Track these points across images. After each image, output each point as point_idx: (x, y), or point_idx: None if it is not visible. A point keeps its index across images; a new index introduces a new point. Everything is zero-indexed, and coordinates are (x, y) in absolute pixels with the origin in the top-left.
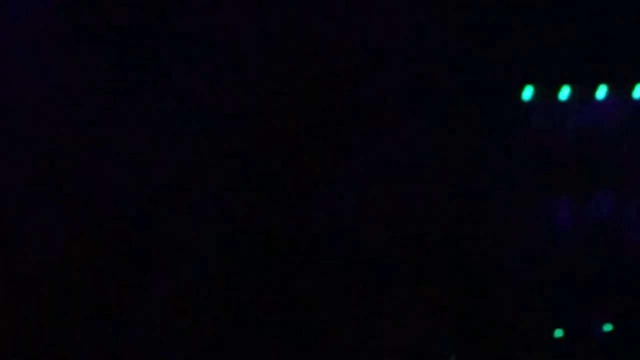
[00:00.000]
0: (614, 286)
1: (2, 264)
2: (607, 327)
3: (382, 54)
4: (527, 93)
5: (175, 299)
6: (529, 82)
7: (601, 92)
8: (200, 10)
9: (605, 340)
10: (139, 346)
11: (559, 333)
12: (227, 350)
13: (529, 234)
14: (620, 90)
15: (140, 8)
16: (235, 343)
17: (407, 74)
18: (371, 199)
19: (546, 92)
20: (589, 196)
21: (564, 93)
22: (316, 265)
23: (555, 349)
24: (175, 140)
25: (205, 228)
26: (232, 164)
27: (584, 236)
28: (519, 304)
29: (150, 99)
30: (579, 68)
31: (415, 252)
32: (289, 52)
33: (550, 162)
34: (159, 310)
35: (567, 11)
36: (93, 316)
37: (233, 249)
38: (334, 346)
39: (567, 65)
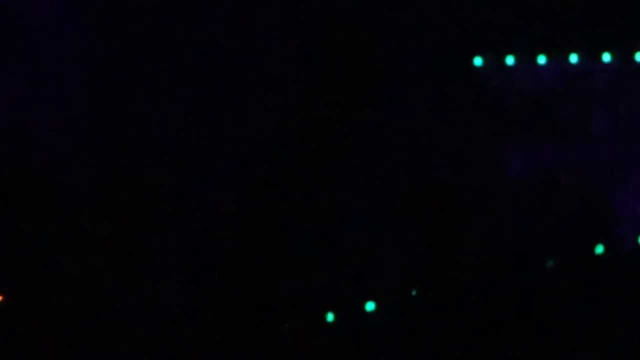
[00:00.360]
0: (558, 223)
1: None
2: (549, 264)
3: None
4: (478, 61)
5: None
6: (480, 53)
7: (541, 59)
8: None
9: (548, 275)
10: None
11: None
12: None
13: (487, 178)
14: (558, 57)
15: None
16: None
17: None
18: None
19: (494, 60)
20: (534, 146)
21: (510, 60)
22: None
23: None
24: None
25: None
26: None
27: (533, 179)
28: (476, 243)
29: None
30: (523, 40)
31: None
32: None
33: (501, 117)
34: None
35: None
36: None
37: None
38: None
39: (512, 38)
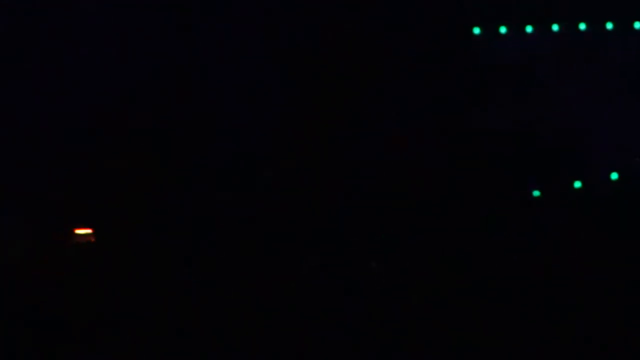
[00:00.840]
0: (540, 163)
1: None
2: (536, 193)
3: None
4: (476, 30)
5: None
6: (477, 24)
7: (529, 29)
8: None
9: (535, 204)
10: None
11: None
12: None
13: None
14: (543, 27)
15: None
16: None
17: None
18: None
19: (490, 29)
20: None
21: (502, 30)
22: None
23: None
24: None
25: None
26: None
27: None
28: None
29: None
30: (513, 13)
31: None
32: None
33: (492, 78)
34: None
35: None
36: None
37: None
38: None
39: (505, 11)
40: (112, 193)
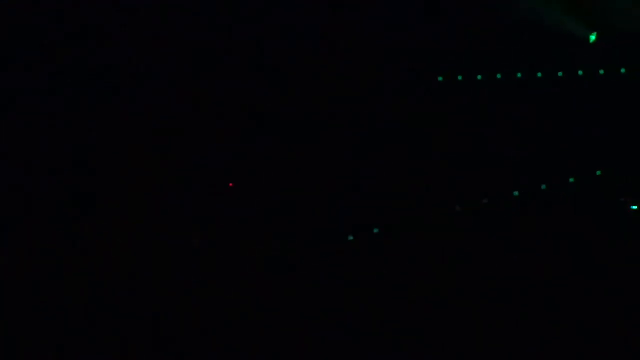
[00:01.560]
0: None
1: None
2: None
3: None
4: (441, 78)
5: None
6: (441, 74)
7: (479, 77)
8: None
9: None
10: None
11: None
12: None
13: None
14: (492, 77)
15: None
16: None
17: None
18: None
19: (451, 78)
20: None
21: (460, 77)
22: None
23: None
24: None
25: None
26: None
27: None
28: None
29: None
30: (467, 66)
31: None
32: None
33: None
34: None
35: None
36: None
37: None
38: None
39: (461, 64)
40: (112, 193)
